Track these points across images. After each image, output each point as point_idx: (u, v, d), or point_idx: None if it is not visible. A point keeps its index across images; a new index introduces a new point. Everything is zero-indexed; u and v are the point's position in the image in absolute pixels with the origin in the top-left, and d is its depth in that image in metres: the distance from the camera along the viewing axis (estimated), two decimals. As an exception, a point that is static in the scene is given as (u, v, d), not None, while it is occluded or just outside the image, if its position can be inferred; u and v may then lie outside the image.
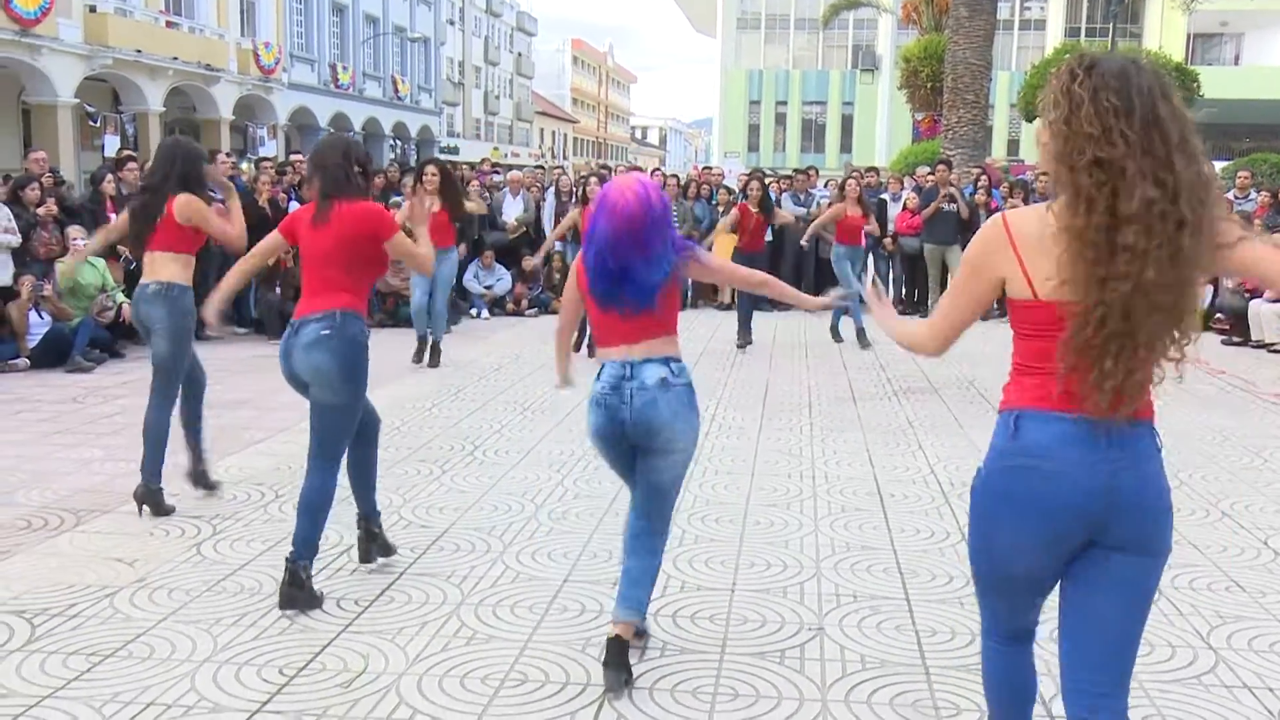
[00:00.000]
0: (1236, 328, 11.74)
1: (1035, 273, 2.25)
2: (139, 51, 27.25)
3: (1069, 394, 2.24)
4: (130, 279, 10.36)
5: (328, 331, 4.07)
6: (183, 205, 5.19)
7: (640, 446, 3.52)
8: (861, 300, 10.08)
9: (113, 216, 10.26)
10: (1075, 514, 2.28)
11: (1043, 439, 2.28)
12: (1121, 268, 2.13)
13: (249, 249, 4.72)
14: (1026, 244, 2.27)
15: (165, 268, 5.28)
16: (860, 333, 10.90)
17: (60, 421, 7.19)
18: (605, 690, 3.38)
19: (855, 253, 11.32)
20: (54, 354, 9.17)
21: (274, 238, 4.43)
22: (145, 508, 5.12)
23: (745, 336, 10.92)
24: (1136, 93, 2.16)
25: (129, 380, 8.73)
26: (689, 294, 14.53)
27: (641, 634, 3.74)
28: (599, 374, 3.53)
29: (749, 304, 11.02)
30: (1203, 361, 10.20)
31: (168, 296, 5.27)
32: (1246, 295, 11.70)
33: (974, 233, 2.75)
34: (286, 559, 4.06)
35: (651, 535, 3.60)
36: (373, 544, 4.51)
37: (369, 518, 4.52)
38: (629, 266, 3.39)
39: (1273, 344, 11.11)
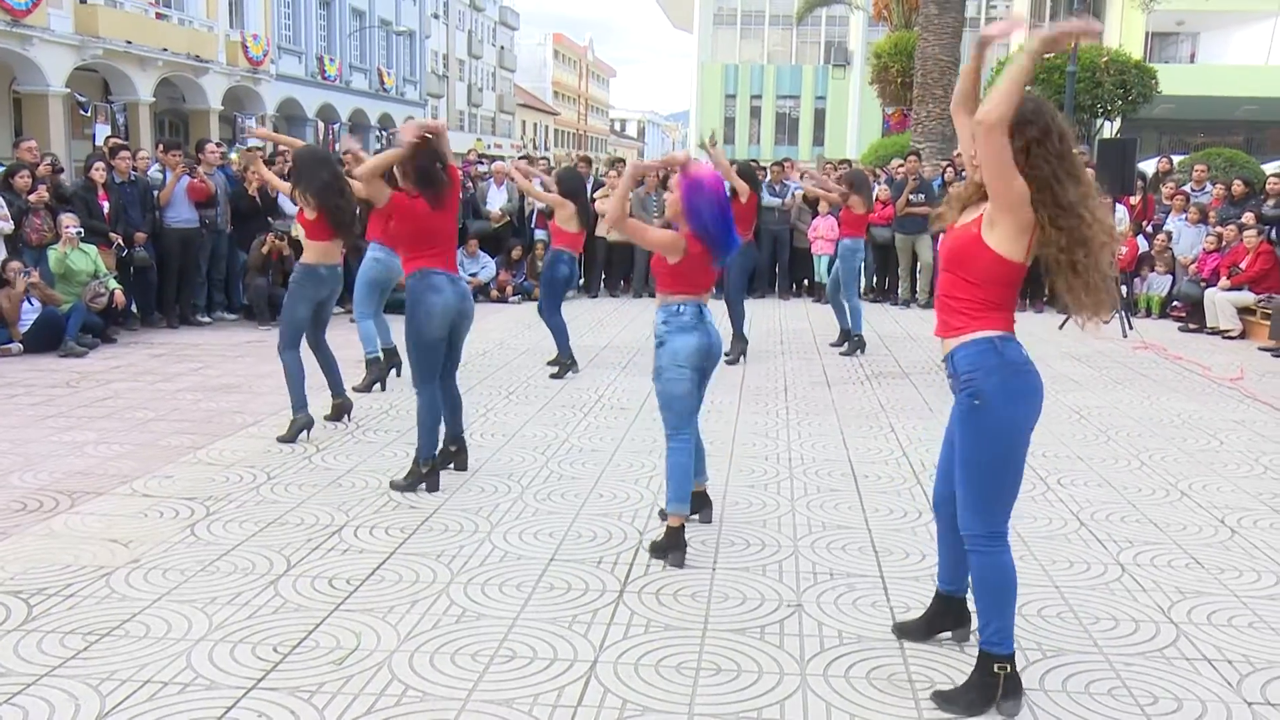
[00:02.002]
0: (1193, 315, 11.81)
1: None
2: (129, 42, 26.95)
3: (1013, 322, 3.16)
4: (122, 266, 10.26)
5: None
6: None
7: (707, 369, 4.42)
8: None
9: (105, 204, 10.16)
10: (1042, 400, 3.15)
11: (1021, 353, 3.09)
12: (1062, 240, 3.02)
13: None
14: None
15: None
16: (852, 337, 9.93)
17: (54, 405, 7.10)
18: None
19: (856, 247, 9.91)
20: (47, 339, 9.06)
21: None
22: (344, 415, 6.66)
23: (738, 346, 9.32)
24: (1051, 120, 3.02)
25: (121, 365, 8.64)
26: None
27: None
28: (676, 310, 4.33)
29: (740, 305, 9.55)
30: (1160, 347, 10.27)
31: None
32: (1203, 284, 11.78)
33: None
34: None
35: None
36: (463, 454, 5.65)
37: (459, 438, 5.66)
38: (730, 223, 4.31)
39: (1227, 330, 11.19)
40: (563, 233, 8.47)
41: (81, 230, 9.64)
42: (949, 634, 3.63)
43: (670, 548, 4.34)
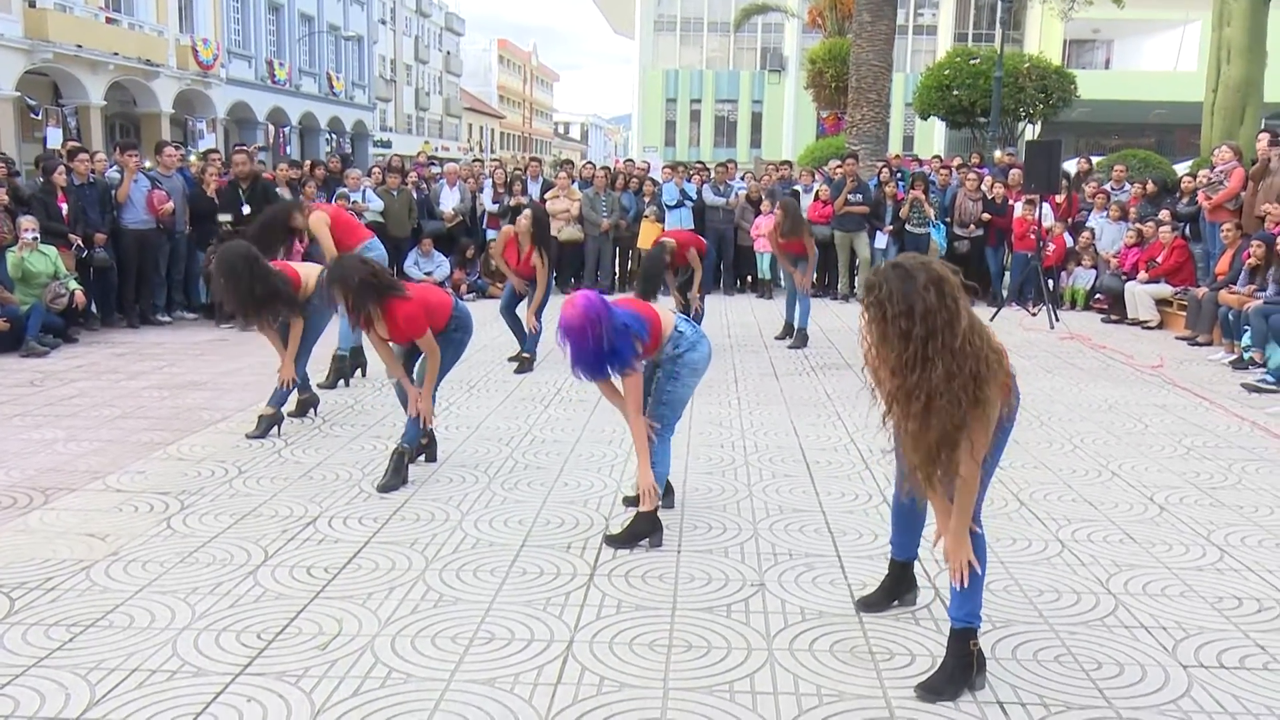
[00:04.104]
0: (1114, 307, 12.09)
1: None
2: (79, 46, 26.33)
3: None
4: (81, 267, 10.06)
5: None
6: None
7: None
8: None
9: (64, 206, 9.95)
10: None
11: None
12: None
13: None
14: None
15: None
16: (797, 332, 10.07)
17: (19, 404, 6.95)
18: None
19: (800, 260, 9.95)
20: (7, 339, 8.85)
21: None
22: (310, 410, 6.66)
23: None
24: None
25: (84, 364, 8.47)
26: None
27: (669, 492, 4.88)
28: (676, 336, 4.49)
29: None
30: (1084, 338, 10.51)
31: None
32: (1123, 278, 12.06)
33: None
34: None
35: None
36: (433, 446, 5.66)
37: (429, 430, 5.57)
38: None
39: (1146, 321, 11.48)
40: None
41: (38, 234, 9.42)
42: (897, 601, 3.78)
43: (649, 531, 4.39)
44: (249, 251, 5.82)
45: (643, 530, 4.40)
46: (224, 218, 9.60)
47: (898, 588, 3.77)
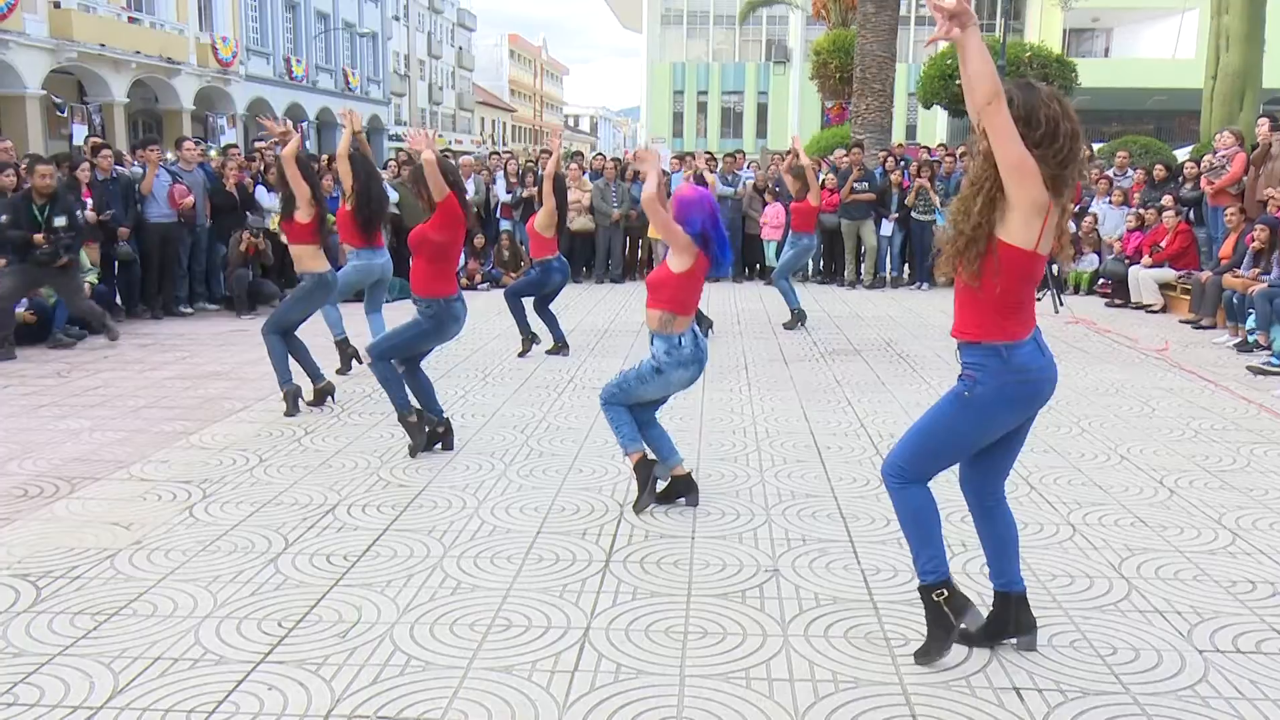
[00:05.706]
0: (1118, 291, 11.96)
1: (1045, 231, 2.87)
2: (102, 45, 26.28)
3: (1031, 320, 2.94)
4: (105, 260, 10.01)
5: None
6: None
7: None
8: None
9: (89, 200, 9.90)
10: (1043, 399, 2.99)
11: (1030, 358, 2.90)
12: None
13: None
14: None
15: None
16: (798, 314, 10.11)
17: (46, 395, 6.91)
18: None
19: (810, 244, 10.08)
20: (35, 332, 8.82)
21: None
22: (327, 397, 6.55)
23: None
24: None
25: (109, 355, 8.43)
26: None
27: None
28: (678, 342, 4.36)
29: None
30: (1089, 322, 10.39)
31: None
32: (1126, 262, 11.92)
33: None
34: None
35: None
36: (450, 434, 5.58)
37: (445, 419, 5.61)
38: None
39: (1150, 305, 11.35)
40: (542, 240, 8.23)
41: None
42: (1005, 640, 3.22)
43: (646, 476, 4.51)
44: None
45: (643, 476, 4.53)
46: (59, 222, 9.05)
47: (999, 624, 3.20)
